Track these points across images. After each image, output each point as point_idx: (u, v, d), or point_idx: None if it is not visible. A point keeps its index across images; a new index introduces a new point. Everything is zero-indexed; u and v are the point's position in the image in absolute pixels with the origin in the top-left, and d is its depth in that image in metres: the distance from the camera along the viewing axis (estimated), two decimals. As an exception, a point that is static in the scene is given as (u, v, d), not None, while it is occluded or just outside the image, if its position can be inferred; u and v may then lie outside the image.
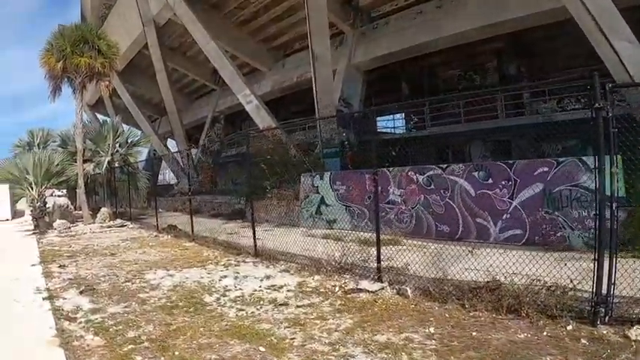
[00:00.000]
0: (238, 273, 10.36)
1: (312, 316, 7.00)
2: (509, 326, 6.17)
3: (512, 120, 23.79)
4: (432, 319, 6.65)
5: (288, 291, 8.62)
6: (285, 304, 7.72)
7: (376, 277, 8.72)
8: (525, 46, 25.01)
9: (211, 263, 11.69)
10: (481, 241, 12.36)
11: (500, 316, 6.52)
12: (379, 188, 15.16)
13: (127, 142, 25.69)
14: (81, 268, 11.69)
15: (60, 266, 12.05)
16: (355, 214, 16.10)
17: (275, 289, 8.78)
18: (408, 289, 7.93)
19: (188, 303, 8.05)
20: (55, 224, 21.17)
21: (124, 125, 29.91)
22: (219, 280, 9.70)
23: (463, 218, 13.31)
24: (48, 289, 9.46)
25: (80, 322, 7.16)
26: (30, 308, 8.13)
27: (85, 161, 23.40)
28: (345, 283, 8.78)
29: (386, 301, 7.62)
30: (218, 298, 8.33)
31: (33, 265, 12.54)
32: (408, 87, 31.21)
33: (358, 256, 9.95)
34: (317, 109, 22.01)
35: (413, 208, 14.52)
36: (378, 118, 33.58)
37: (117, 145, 25.10)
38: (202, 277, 10.05)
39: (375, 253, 8.99)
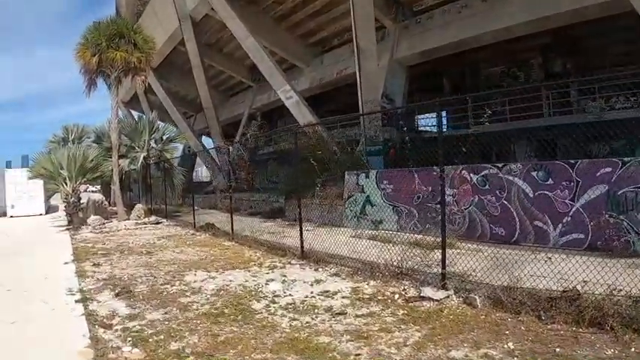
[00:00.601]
0: (285, 276, 9.56)
1: (375, 328, 6.23)
2: (594, 341, 5.47)
3: (559, 119, 22.57)
4: (507, 332, 5.88)
5: (342, 298, 7.82)
6: (343, 313, 6.92)
7: (440, 284, 7.86)
8: (572, 42, 23.81)
9: (255, 265, 10.91)
10: (539, 245, 11.34)
11: (581, 330, 5.78)
12: (429, 188, 14.44)
13: (163, 138, 25.07)
14: (116, 268, 11.01)
15: (94, 265, 11.40)
16: (403, 214, 15.21)
17: (328, 296, 7.97)
18: (477, 297, 7.11)
19: (235, 310, 7.28)
20: (89, 220, 20.69)
21: (159, 122, 29.37)
22: (266, 284, 8.89)
23: (520, 221, 12.31)
24: (81, 290, 8.77)
25: (116, 330, 6.41)
26: (61, 312, 7.44)
27: (120, 157, 22.85)
28: (405, 289, 8.00)
29: (453, 310, 6.87)
30: (267, 305, 7.54)
31: (66, 262, 11.95)
32: (450, 84, 30.14)
33: (417, 261, 9.18)
34: (361, 105, 21.12)
35: (466, 209, 13.57)
36: (421, 116, 32.53)
37: (152, 140, 24.53)
38: (247, 281, 9.26)
39: (437, 256, 8.33)
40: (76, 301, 7.96)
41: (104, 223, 20.48)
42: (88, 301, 8.00)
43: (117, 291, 8.55)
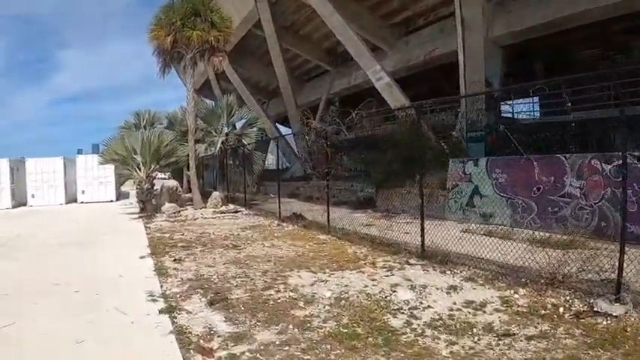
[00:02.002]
0: (411, 281, 7.61)
1: (560, 356, 4.68)
2: None
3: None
4: None
5: (495, 311, 6.07)
6: (509, 335, 5.23)
7: (614, 296, 6.00)
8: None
9: (367, 265, 8.98)
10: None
11: None
12: (551, 178, 12.25)
13: (240, 123, 23.39)
14: (201, 265, 9.29)
15: (175, 260, 9.72)
16: (519, 207, 13.12)
17: (477, 308, 6.19)
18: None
19: (369, 329, 5.45)
20: (163, 208, 19.28)
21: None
22: (393, 292, 6.99)
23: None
24: (164, 296, 7.04)
25: (221, 360, 4.57)
26: (142, 327, 5.71)
27: (196, 142, 21.34)
28: (568, 301, 6.25)
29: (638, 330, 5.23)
30: (408, 322, 5.70)
31: (142, 257, 10.37)
32: (541, 68, 27.39)
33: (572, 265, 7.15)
34: (463, 86, 18.98)
35: (596, 203, 11.32)
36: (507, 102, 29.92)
37: (230, 124, 22.93)
38: (367, 286, 7.36)
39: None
40: (160, 311, 6.21)
41: (179, 211, 19.04)
42: (175, 311, 6.25)
43: (209, 297, 6.77)
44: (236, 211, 19.38)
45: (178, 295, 7.01)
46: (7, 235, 14.88)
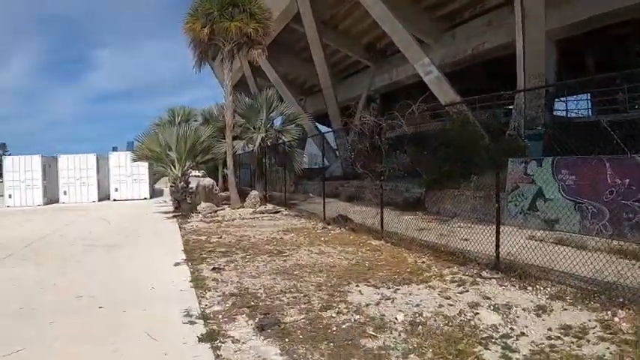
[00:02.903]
0: (490, 299, 6.40)
1: None
2: None
3: None
4: None
5: (600, 340, 4.90)
6: None
7: None
8: None
9: (433, 277, 7.76)
10: None
11: None
12: (625, 181, 10.90)
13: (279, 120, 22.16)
14: (244, 275, 8.16)
15: (214, 269, 8.59)
16: (588, 213, 11.74)
17: (577, 336, 5.04)
18: None
19: (465, 370, 4.19)
20: (199, 207, 18.24)
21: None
22: (474, 314, 5.82)
23: None
24: (204, 316, 5.90)
25: None
26: (178, 360, 4.54)
27: (233, 138, 20.23)
28: None
29: None
30: (505, 356, 4.58)
31: (176, 263, 9.27)
32: (593, 63, 25.71)
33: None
34: (523, 80, 17.60)
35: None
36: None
37: (269, 121, 21.75)
38: (442, 306, 6.15)
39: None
40: (200, 339, 5.04)
41: (216, 211, 18.01)
42: (217, 338, 5.09)
43: (258, 319, 5.61)
44: (275, 212, 18.24)
45: (220, 316, 5.86)
46: (34, 235, 14.06)
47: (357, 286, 7.28)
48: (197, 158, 19.84)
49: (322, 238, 12.02)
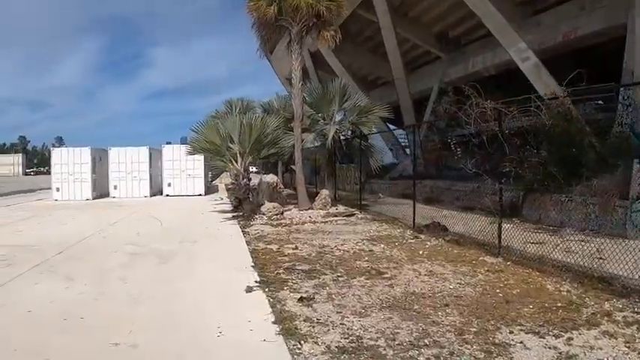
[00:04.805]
0: None
1: None
2: None
3: None
4: None
5: None
6: None
7: None
8: None
9: (599, 316, 5.62)
10: None
11: None
12: None
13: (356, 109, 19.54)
14: (345, 310, 5.90)
15: (302, 300, 6.29)
16: None
17: None
18: None
19: None
20: (263, 208, 16.00)
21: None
22: None
23: None
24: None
25: None
26: None
27: (302, 131, 17.89)
28: None
29: None
30: None
31: (248, 288, 6.91)
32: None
33: None
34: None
35: None
36: None
37: (342, 111, 19.28)
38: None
39: None
40: None
41: (282, 213, 15.76)
42: None
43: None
44: (350, 215, 15.85)
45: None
46: (74, 237, 12.17)
47: (510, 332, 5.09)
48: (263, 152, 17.66)
49: (421, 252, 9.64)
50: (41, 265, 8.80)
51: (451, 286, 6.96)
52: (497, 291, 6.70)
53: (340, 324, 5.32)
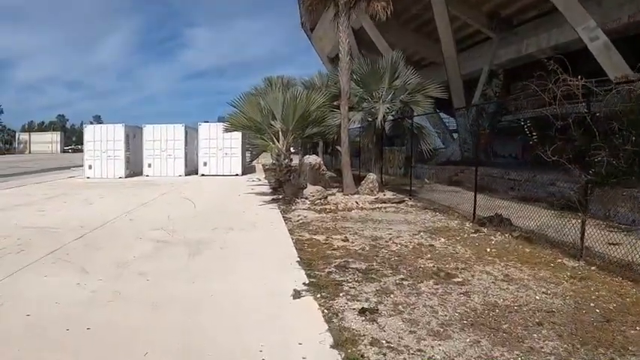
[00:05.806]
0: None
1: None
2: None
3: None
4: None
5: None
6: None
7: None
8: None
9: None
10: None
11: None
12: None
13: (406, 88, 18.05)
14: (418, 328, 4.78)
15: (363, 312, 5.14)
16: None
17: None
18: None
19: None
20: (305, 191, 14.91)
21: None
22: None
23: None
24: None
25: None
26: None
27: (349, 109, 16.57)
28: None
29: None
30: None
31: (296, 293, 5.78)
32: None
33: None
34: None
35: None
36: None
37: (392, 89, 17.84)
38: None
39: None
40: None
41: (326, 197, 14.63)
42: None
43: None
44: (400, 201, 14.60)
45: None
46: (98, 219, 11.33)
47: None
48: (306, 131, 16.51)
49: (488, 250, 8.41)
50: (56, 252, 7.91)
51: (537, 297, 5.80)
52: (592, 305, 5.54)
53: (417, 350, 4.20)
